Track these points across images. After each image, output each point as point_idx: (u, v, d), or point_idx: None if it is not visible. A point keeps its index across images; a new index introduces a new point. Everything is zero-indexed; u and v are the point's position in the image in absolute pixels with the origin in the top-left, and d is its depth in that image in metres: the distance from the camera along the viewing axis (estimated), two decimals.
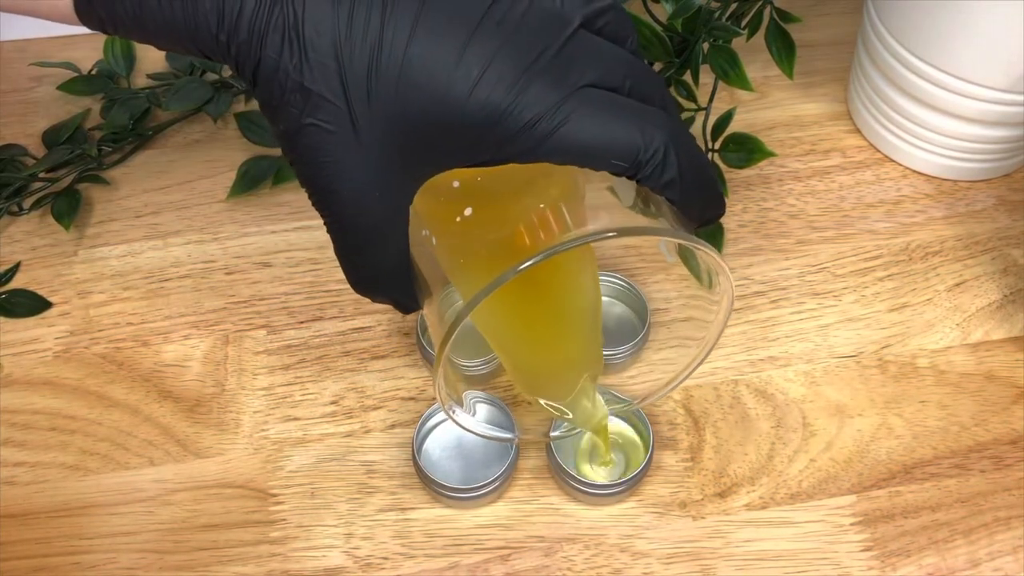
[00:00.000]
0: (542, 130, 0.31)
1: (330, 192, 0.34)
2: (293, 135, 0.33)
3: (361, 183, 0.33)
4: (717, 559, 0.43)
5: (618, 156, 0.32)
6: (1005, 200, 0.56)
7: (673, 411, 0.48)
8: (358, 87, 0.31)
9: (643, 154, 0.32)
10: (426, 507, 0.45)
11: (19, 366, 0.50)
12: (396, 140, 0.32)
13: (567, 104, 0.32)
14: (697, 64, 0.55)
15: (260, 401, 0.48)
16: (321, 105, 0.32)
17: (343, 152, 0.33)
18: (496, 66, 0.31)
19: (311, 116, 0.32)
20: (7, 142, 0.60)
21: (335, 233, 0.35)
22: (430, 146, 0.33)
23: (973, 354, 0.50)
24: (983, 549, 0.43)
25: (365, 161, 0.33)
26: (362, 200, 0.34)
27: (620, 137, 0.32)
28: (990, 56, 0.50)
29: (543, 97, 0.31)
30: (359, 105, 0.32)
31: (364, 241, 0.35)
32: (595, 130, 0.32)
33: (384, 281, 0.37)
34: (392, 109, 0.32)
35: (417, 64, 0.31)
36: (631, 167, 0.33)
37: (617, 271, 0.51)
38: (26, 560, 0.44)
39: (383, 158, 0.33)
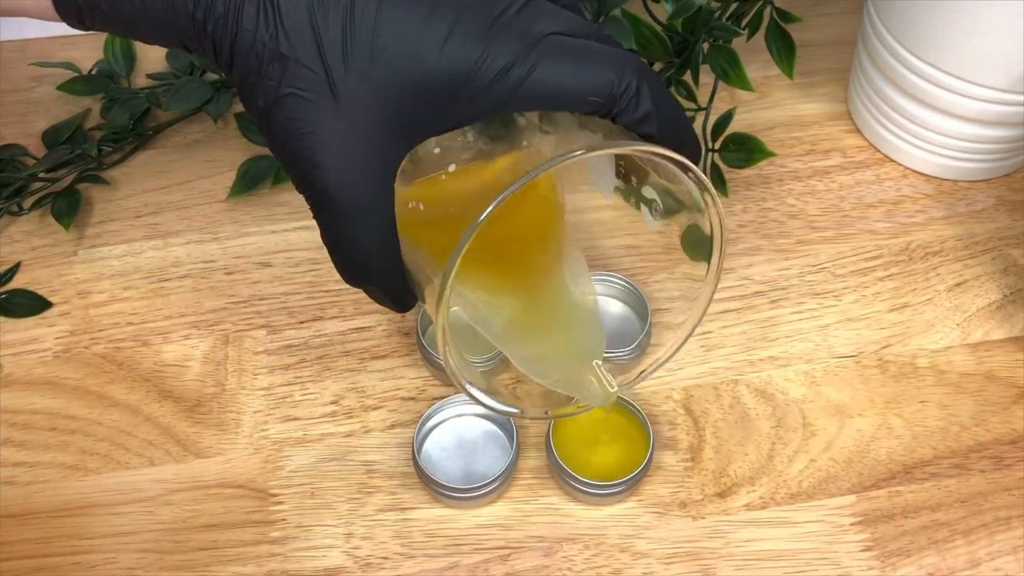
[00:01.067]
0: (515, 76, 0.32)
1: (313, 167, 0.33)
2: (272, 109, 0.33)
3: (344, 155, 0.33)
4: (717, 559, 0.43)
5: (593, 92, 0.33)
6: (1005, 200, 0.56)
7: (673, 411, 0.48)
8: (334, 51, 0.32)
9: (617, 88, 0.33)
10: (426, 507, 0.45)
11: (19, 366, 0.50)
12: (376, 104, 0.33)
13: (537, 49, 0.33)
14: (697, 64, 0.55)
15: (260, 401, 0.48)
16: (299, 73, 0.32)
17: (324, 122, 0.33)
18: (464, 23, 0.32)
19: (289, 85, 0.32)
20: (7, 142, 0.59)
21: (321, 214, 0.35)
22: (409, 108, 0.33)
23: (973, 354, 0.50)
24: (983, 549, 0.43)
25: (347, 130, 0.33)
26: (346, 173, 0.33)
27: (593, 74, 0.33)
28: (990, 56, 0.50)
29: (512, 45, 0.32)
30: (336, 69, 0.32)
31: (351, 219, 0.35)
32: (569, 70, 0.33)
33: (374, 264, 0.36)
34: (369, 72, 0.32)
35: (389, 25, 0.32)
36: (607, 102, 0.34)
37: (618, 271, 0.51)
38: (26, 560, 0.44)
39: (364, 126, 0.33)
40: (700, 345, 0.50)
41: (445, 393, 0.48)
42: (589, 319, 0.42)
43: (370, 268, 0.36)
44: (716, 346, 0.50)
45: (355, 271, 0.37)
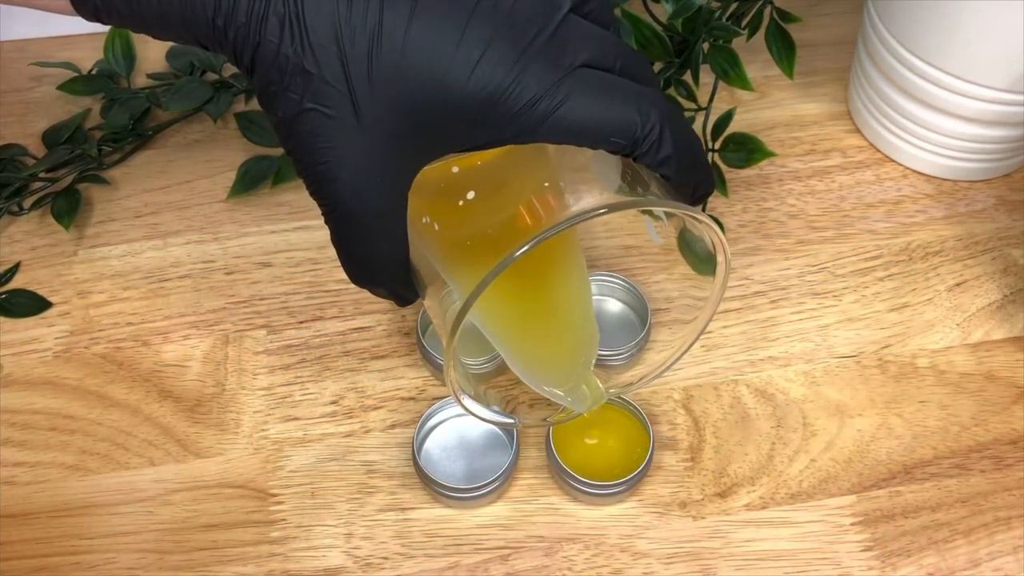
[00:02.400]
0: (542, 110, 0.32)
1: (329, 180, 0.33)
2: (292, 121, 0.33)
3: (361, 169, 0.33)
4: (717, 559, 0.43)
5: (616, 134, 0.33)
6: (1005, 200, 0.56)
7: (673, 411, 0.48)
8: (359, 71, 0.32)
9: (640, 131, 0.33)
10: (426, 507, 0.45)
11: (19, 366, 0.50)
12: (397, 124, 0.32)
13: (565, 84, 0.32)
14: (697, 64, 0.55)
15: (260, 401, 0.48)
16: (322, 89, 0.32)
17: (343, 138, 0.32)
18: (494, 48, 0.32)
19: (311, 100, 0.32)
20: (7, 142, 0.59)
21: (333, 222, 0.35)
22: (431, 129, 0.33)
23: (973, 354, 0.50)
24: (983, 549, 0.43)
25: (365, 146, 0.33)
26: (362, 187, 0.33)
27: (618, 115, 0.33)
28: (990, 56, 0.50)
29: (542, 77, 0.32)
30: (360, 89, 0.32)
31: (363, 229, 0.35)
32: (594, 109, 0.33)
33: (383, 271, 0.37)
34: (393, 92, 0.32)
35: (418, 47, 0.31)
36: (628, 144, 0.33)
37: (618, 271, 0.51)
38: (26, 560, 0.44)
39: (384, 143, 0.33)
40: (700, 345, 0.50)
41: (445, 393, 0.48)
42: (587, 322, 0.42)
43: (378, 273, 0.37)
44: (716, 346, 0.50)
45: (363, 275, 0.37)
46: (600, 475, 0.43)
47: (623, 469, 0.43)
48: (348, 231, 0.35)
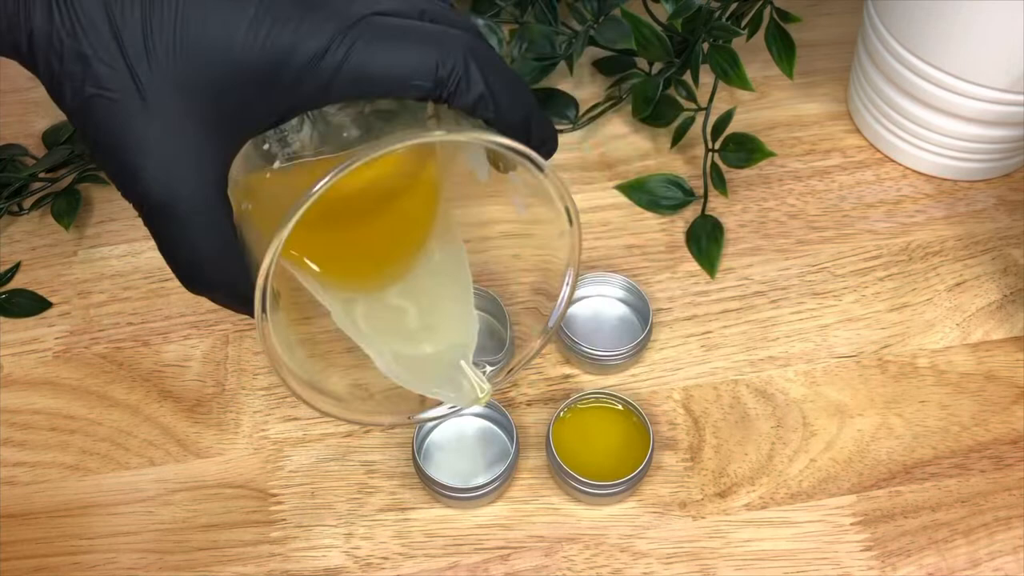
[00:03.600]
0: (331, 62, 0.30)
1: (133, 171, 0.31)
2: (80, 111, 0.31)
3: (162, 156, 0.31)
4: (717, 559, 0.43)
5: (417, 76, 0.31)
6: (1005, 200, 0.56)
7: (673, 411, 0.48)
8: (135, 47, 0.30)
9: (441, 70, 0.31)
10: (426, 507, 0.45)
11: (19, 366, 0.50)
12: (189, 101, 0.31)
13: (353, 31, 0.30)
14: (697, 64, 0.55)
15: (260, 401, 0.48)
16: (101, 71, 0.30)
17: (136, 123, 0.30)
18: (272, 5, 0.30)
19: (93, 85, 0.30)
20: (7, 142, 0.59)
21: (149, 220, 0.32)
22: (225, 103, 0.31)
23: (973, 354, 0.50)
24: (983, 549, 0.43)
25: (161, 130, 0.31)
26: (168, 175, 0.31)
27: (413, 57, 0.31)
28: (990, 56, 0.50)
29: (325, 26, 0.30)
30: (140, 66, 0.30)
31: (181, 223, 0.32)
32: (387, 55, 0.31)
33: (213, 269, 0.34)
34: (177, 68, 0.30)
35: (192, 14, 0.30)
36: (434, 87, 0.31)
37: (620, 271, 0.51)
38: (26, 560, 0.44)
39: (180, 124, 0.31)
40: (700, 345, 0.50)
41: None
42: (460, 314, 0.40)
43: (209, 274, 0.34)
44: (716, 346, 0.50)
45: (194, 278, 0.34)
46: (600, 475, 0.43)
47: (623, 469, 0.43)
48: (166, 228, 0.32)
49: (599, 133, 0.60)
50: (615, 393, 0.46)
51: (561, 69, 0.61)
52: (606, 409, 0.46)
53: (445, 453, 0.46)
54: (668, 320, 0.51)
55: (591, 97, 0.61)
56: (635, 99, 0.57)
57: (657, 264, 0.53)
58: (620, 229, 0.55)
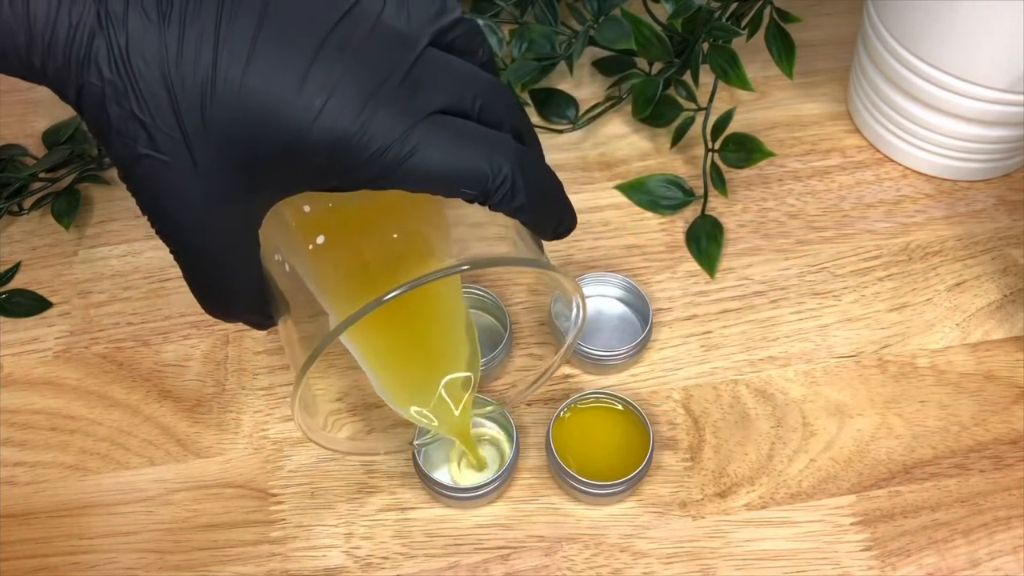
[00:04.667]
0: (391, 159, 0.30)
1: (172, 222, 0.32)
2: (128, 165, 0.31)
3: (202, 211, 0.32)
4: (717, 559, 0.43)
5: (467, 184, 0.32)
6: (1005, 200, 0.56)
7: (673, 411, 0.48)
8: (192, 117, 0.30)
9: (491, 183, 0.32)
10: (426, 507, 0.45)
11: (19, 366, 0.50)
12: (237, 167, 0.31)
13: (415, 132, 0.31)
14: (697, 64, 0.55)
15: (260, 401, 0.48)
16: (155, 136, 0.30)
17: (181, 181, 0.31)
18: (340, 94, 0.30)
19: (145, 147, 0.30)
20: (7, 142, 0.60)
21: (181, 261, 0.34)
22: (274, 172, 0.31)
23: (973, 354, 0.50)
24: (983, 549, 0.43)
25: (205, 189, 0.31)
26: (205, 227, 0.32)
27: (468, 166, 0.32)
28: (990, 56, 0.50)
29: (391, 125, 0.30)
30: (195, 135, 0.30)
31: (211, 267, 0.34)
32: (444, 159, 0.31)
33: (236, 306, 0.36)
34: (232, 138, 0.30)
35: (255, 94, 0.30)
36: (480, 194, 0.32)
37: (620, 271, 0.51)
38: (26, 560, 0.44)
39: (224, 184, 0.31)
40: (700, 345, 0.50)
41: None
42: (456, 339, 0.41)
43: (232, 308, 0.36)
44: (716, 346, 0.50)
45: (217, 310, 0.36)
46: (600, 475, 0.43)
47: (623, 469, 0.43)
48: (196, 269, 0.34)
49: (599, 133, 0.60)
50: (615, 393, 0.46)
51: (561, 69, 0.61)
52: (606, 409, 0.46)
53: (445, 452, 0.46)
54: (668, 320, 0.51)
55: (591, 97, 0.61)
56: (635, 99, 0.57)
57: (657, 264, 0.53)
58: (620, 229, 0.55)
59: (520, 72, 0.57)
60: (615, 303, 0.51)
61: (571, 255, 0.54)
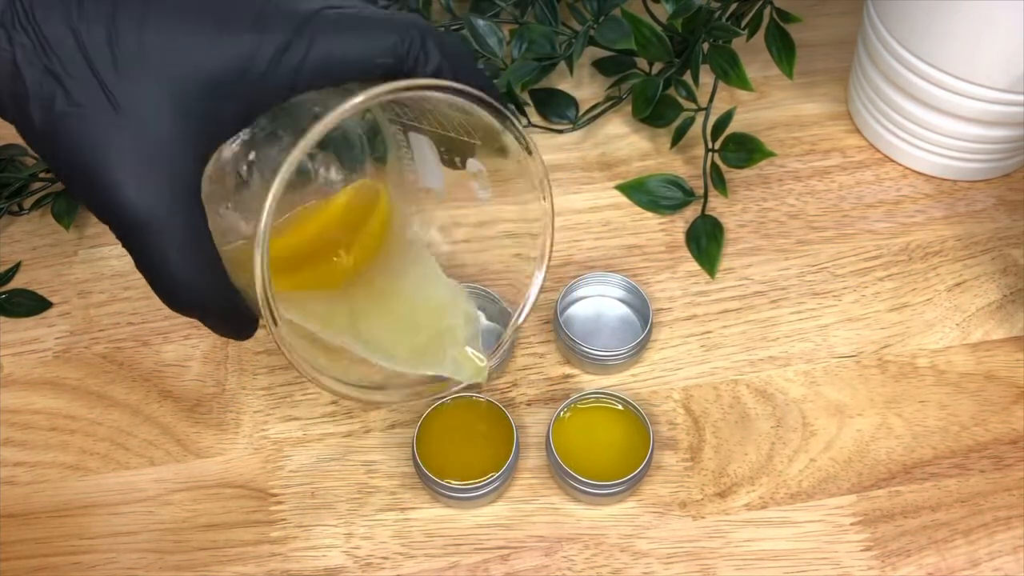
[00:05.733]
0: (295, 54, 0.32)
1: (108, 186, 0.31)
2: (52, 133, 0.31)
3: (135, 164, 0.31)
4: (717, 559, 0.43)
5: (380, 55, 0.33)
6: (1005, 200, 0.56)
7: (673, 411, 0.48)
8: (102, 60, 0.30)
9: (402, 47, 0.33)
10: (426, 507, 0.45)
11: (19, 366, 0.50)
12: (157, 108, 0.31)
13: (310, 27, 0.32)
14: (697, 64, 0.55)
15: (260, 401, 0.48)
16: (71, 89, 0.30)
17: (107, 134, 0.31)
18: (234, 12, 0.32)
19: (64, 104, 0.30)
20: (7, 142, 0.59)
21: (127, 236, 0.32)
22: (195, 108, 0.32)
23: (973, 354, 0.50)
24: (983, 549, 0.43)
25: (133, 138, 0.31)
26: (142, 183, 0.31)
27: (374, 38, 0.33)
28: (990, 56, 0.50)
29: (285, 25, 0.32)
30: (108, 77, 0.30)
31: (158, 233, 0.32)
32: (348, 41, 0.32)
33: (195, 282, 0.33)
34: (144, 77, 0.31)
35: (157, 27, 0.31)
36: (396, 61, 0.33)
37: (620, 271, 0.51)
38: (26, 560, 0.44)
39: (153, 131, 0.31)
40: (700, 345, 0.50)
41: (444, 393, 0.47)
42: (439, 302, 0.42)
43: (191, 287, 0.33)
44: (716, 346, 0.50)
45: (175, 292, 0.34)
46: (600, 475, 0.43)
47: (623, 469, 0.43)
48: (143, 243, 0.32)
49: (599, 133, 0.60)
50: (615, 393, 0.46)
51: (561, 69, 0.61)
52: (606, 409, 0.46)
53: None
54: (668, 320, 0.51)
55: (591, 97, 0.61)
56: (635, 99, 0.57)
57: (657, 264, 0.53)
58: (620, 229, 0.55)
59: (520, 72, 0.57)
60: (615, 303, 0.51)
61: (571, 255, 0.54)
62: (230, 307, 0.36)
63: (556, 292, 0.51)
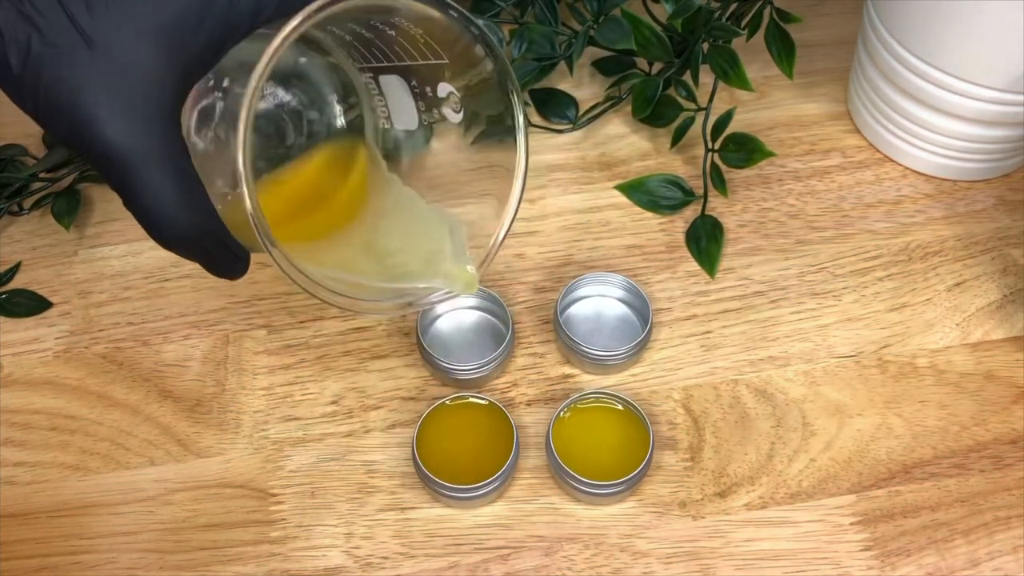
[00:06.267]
0: None
1: (88, 122, 0.31)
2: (30, 76, 0.31)
3: (114, 98, 0.32)
4: (717, 559, 0.43)
5: None
6: (1005, 200, 0.56)
7: (673, 411, 0.48)
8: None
9: None
10: (426, 507, 0.45)
11: (19, 366, 0.50)
12: (131, 41, 0.32)
13: None
14: (697, 64, 0.55)
15: (260, 401, 0.48)
16: (44, 30, 0.31)
17: (84, 70, 0.31)
18: None
19: (39, 45, 0.31)
20: (7, 142, 0.60)
21: (111, 172, 0.32)
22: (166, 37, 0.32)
23: (973, 354, 0.50)
24: (983, 549, 0.43)
25: (110, 71, 0.31)
26: (124, 117, 0.32)
27: None
28: (990, 56, 0.50)
29: None
30: (81, 16, 0.31)
31: (141, 166, 0.32)
32: None
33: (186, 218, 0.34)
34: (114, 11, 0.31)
35: None
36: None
37: (620, 271, 0.51)
38: (27, 560, 0.44)
39: (129, 64, 0.32)
40: (700, 345, 0.50)
41: (445, 393, 0.48)
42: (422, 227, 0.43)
43: (176, 220, 0.33)
44: (716, 346, 0.50)
45: (160, 226, 0.33)
46: (600, 475, 0.43)
47: (623, 469, 0.43)
48: (127, 176, 0.32)
49: (599, 133, 0.60)
50: (615, 393, 0.46)
51: (561, 69, 0.61)
52: (606, 409, 0.46)
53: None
54: (668, 320, 0.51)
55: (591, 97, 0.61)
56: (635, 99, 0.57)
57: (657, 264, 0.53)
58: (620, 229, 0.55)
59: (520, 72, 0.57)
60: (615, 303, 0.51)
61: (571, 255, 0.54)
62: (218, 240, 0.35)
63: (556, 292, 0.51)
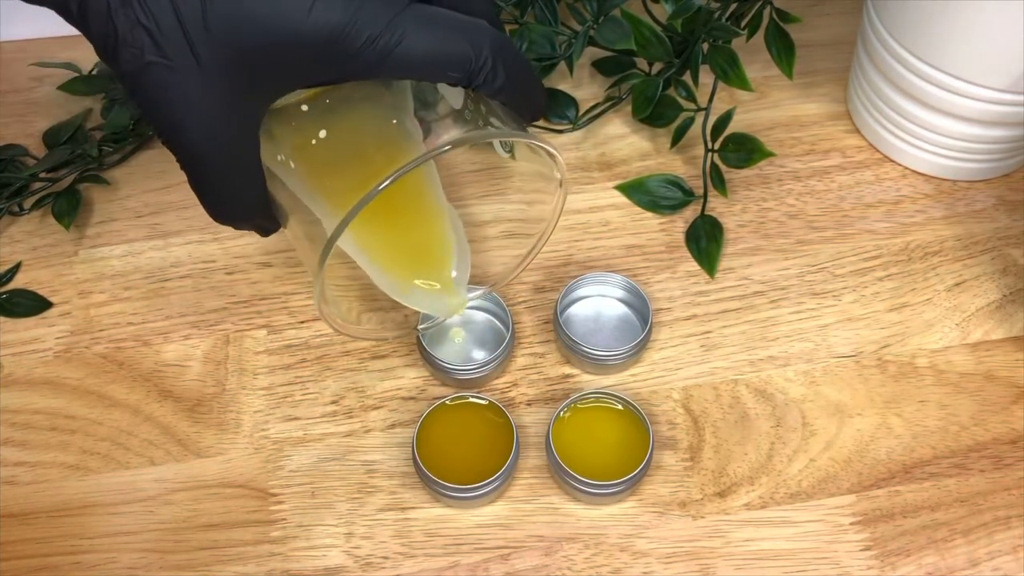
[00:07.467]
0: (382, 47, 0.33)
1: (178, 126, 0.34)
2: (135, 75, 0.33)
3: (207, 113, 0.34)
4: (717, 559, 0.43)
5: (453, 68, 0.35)
6: (1005, 200, 0.56)
7: (673, 411, 0.48)
8: (194, 19, 0.32)
9: (474, 64, 0.35)
10: (426, 507, 0.45)
11: (19, 366, 0.50)
12: (238, 67, 0.33)
13: (401, 20, 0.34)
14: (697, 64, 0.55)
15: (260, 401, 0.48)
16: (159, 41, 0.32)
17: (187, 86, 0.33)
18: None
19: (152, 54, 0.32)
20: (7, 142, 0.60)
21: (188, 167, 0.36)
22: (273, 69, 0.34)
23: (972, 354, 0.50)
24: (982, 549, 0.43)
25: (208, 90, 0.33)
26: (210, 129, 0.34)
27: (452, 51, 0.35)
28: (990, 56, 0.50)
29: (377, 15, 0.33)
30: (197, 37, 0.32)
31: (217, 170, 0.36)
32: (430, 45, 0.34)
33: (241, 208, 0.39)
34: (231, 37, 0.33)
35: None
36: (464, 77, 0.35)
37: (620, 271, 0.51)
38: (27, 560, 0.44)
39: (227, 86, 0.34)
40: (700, 345, 0.50)
41: (445, 393, 0.48)
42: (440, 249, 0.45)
43: (237, 210, 0.39)
44: (716, 346, 0.50)
45: (224, 213, 0.39)
46: (600, 475, 0.43)
47: (623, 469, 0.43)
48: (203, 173, 0.36)
49: (599, 133, 0.60)
50: (615, 393, 0.46)
51: (561, 69, 0.61)
52: (606, 409, 0.46)
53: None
54: (668, 320, 0.51)
55: (591, 97, 0.61)
56: (635, 99, 0.57)
57: (657, 264, 0.53)
58: (620, 229, 0.55)
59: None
60: (615, 303, 0.51)
61: (571, 255, 0.54)
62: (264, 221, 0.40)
63: (556, 292, 0.51)
